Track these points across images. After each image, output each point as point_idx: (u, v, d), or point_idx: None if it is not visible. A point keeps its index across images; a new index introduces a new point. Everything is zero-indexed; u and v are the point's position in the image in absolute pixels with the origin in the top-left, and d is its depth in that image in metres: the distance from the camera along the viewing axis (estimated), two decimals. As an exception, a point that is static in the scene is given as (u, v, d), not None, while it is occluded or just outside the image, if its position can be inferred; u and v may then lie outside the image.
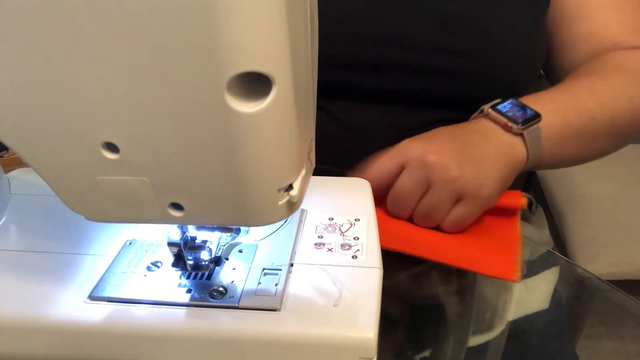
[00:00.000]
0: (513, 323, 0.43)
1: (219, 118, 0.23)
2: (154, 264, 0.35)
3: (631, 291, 0.44)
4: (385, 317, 0.33)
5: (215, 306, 0.32)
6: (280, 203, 0.27)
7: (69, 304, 0.32)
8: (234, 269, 0.35)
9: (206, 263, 0.35)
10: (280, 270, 0.34)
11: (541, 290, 0.47)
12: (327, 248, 0.36)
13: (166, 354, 0.32)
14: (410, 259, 0.45)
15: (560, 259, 0.51)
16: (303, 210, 0.41)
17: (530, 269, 0.49)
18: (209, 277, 0.34)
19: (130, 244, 0.37)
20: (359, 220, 0.39)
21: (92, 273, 0.35)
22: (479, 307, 0.44)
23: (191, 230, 0.34)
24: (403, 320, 0.42)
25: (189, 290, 0.33)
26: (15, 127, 0.25)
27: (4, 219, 0.40)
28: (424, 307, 0.44)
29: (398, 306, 0.43)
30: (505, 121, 0.48)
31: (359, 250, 0.36)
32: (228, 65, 0.21)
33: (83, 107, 0.24)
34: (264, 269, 0.35)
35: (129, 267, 0.35)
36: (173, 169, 0.26)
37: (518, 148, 0.49)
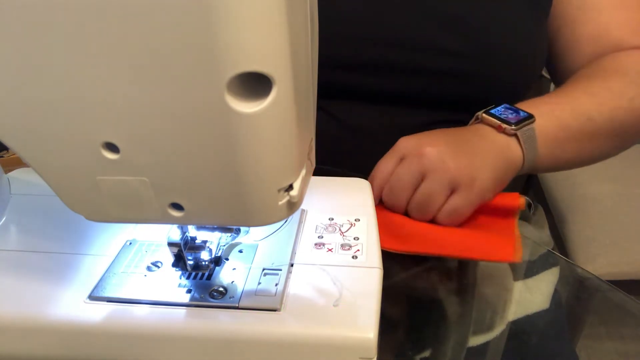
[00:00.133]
0: (513, 323, 0.43)
1: (219, 118, 0.23)
2: (154, 264, 0.35)
3: (631, 291, 0.44)
4: (385, 317, 0.33)
5: (215, 306, 0.32)
6: (280, 203, 0.27)
7: (69, 304, 0.32)
8: (234, 269, 0.35)
9: (206, 263, 0.35)
10: (280, 270, 0.34)
11: (541, 290, 0.47)
12: (327, 248, 0.36)
13: (166, 354, 0.32)
14: (410, 258, 0.45)
15: (560, 259, 0.51)
16: (303, 210, 0.41)
17: (530, 269, 0.49)
18: (209, 277, 0.34)
19: (130, 244, 0.37)
20: (359, 220, 0.39)
21: (92, 273, 0.35)
22: (479, 307, 0.44)
23: (191, 231, 0.34)
24: (403, 320, 0.42)
25: (189, 291, 0.33)
26: (15, 127, 0.25)
27: (4, 219, 0.40)
28: (424, 307, 0.44)
29: (398, 306, 0.43)
30: (498, 123, 0.49)
31: (359, 250, 0.36)
32: (228, 65, 0.21)
33: (83, 107, 0.24)
34: (264, 269, 0.35)
35: (129, 267, 0.35)
36: (173, 169, 0.26)
37: (513, 148, 0.49)
